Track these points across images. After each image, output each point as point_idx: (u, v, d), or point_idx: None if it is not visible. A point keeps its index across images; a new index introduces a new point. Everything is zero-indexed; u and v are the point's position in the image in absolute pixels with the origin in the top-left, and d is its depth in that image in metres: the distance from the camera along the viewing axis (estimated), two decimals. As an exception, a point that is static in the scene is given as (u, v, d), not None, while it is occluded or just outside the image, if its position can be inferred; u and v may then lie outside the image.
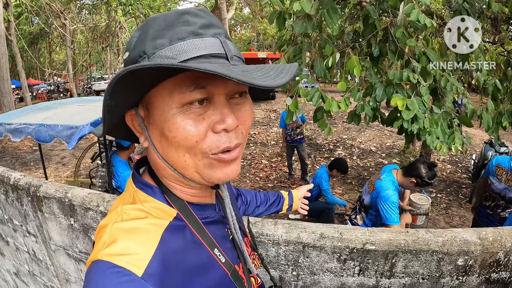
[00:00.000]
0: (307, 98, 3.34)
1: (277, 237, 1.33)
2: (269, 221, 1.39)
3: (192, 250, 0.71)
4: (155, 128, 0.65)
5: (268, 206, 1.43)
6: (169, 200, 0.72)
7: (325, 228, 1.31)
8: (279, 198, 1.47)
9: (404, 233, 1.26)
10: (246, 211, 1.39)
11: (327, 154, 8.64)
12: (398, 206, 2.86)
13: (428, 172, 2.83)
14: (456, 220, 5.30)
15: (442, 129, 3.31)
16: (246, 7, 24.16)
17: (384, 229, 1.28)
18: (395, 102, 2.96)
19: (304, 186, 1.59)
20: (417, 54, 3.42)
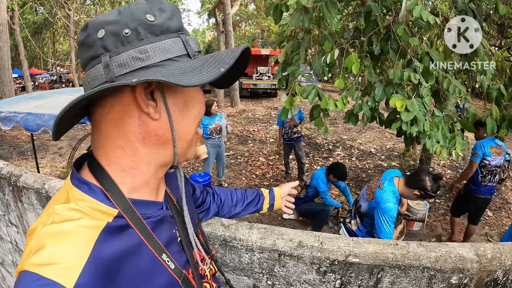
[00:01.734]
0: (303, 96, 3.20)
1: (251, 242, 1.21)
2: (243, 225, 1.27)
3: (135, 255, 0.63)
4: (178, 100, 0.67)
5: (245, 206, 1.34)
6: (110, 197, 0.64)
7: (304, 236, 1.18)
8: (258, 197, 1.38)
9: (393, 245, 1.13)
10: (221, 211, 1.30)
11: (326, 154, 8.51)
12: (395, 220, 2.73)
13: (433, 185, 2.67)
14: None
15: (443, 133, 3.18)
16: (251, 3, 24.03)
17: (371, 240, 1.16)
18: (394, 102, 2.83)
19: (287, 184, 1.50)
20: (420, 54, 3.28)
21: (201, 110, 0.74)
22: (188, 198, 0.91)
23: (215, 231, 1.24)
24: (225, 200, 1.30)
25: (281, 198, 1.43)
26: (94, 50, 0.61)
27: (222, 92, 14.85)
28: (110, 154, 0.66)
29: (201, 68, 0.61)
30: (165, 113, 0.65)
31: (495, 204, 6.11)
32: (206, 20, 43.99)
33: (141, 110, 0.63)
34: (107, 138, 0.66)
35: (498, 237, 5.00)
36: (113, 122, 0.64)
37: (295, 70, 3.42)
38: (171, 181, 0.88)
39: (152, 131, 0.66)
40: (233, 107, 14.81)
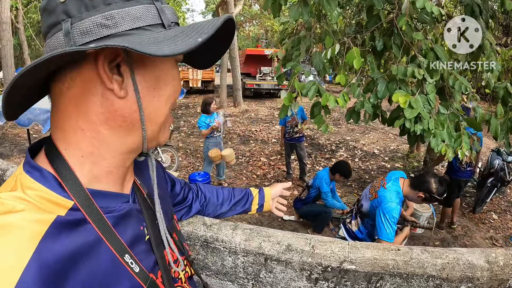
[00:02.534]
0: (303, 92, 3.09)
1: (234, 244, 1.09)
2: (227, 225, 1.15)
3: (91, 255, 0.54)
4: (148, 76, 0.58)
5: (232, 205, 1.24)
6: (65, 186, 0.55)
7: (293, 239, 1.06)
8: (246, 196, 1.28)
9: (394, 251, 1.01)
10: (205, 210, 1.19)
11: (328, 155, 8.38)
12: (398, 221, 2.60)
13: (438, 187, 2.54)
14: (458, 229, 5.03)
15: (448, 132, 3.05)
16: (255, 3, 23.95)
17: (369, 244, 1.04)
18: (396, 98, 2.70)
19: (279, 184, 1.40)
20: (424, 50, 3.16)
21: (176, 89, 0.65)
22: (163, 191, 0.84)
23: (196, 231, 1.13)
24: (210, 198, 1.21)
25: (271, 199, 1.34)
26: (55, 16, 0.53)
27: (225, 92, 14.75)
28: (69, 137, 0.57)
29: (176, 38, 0.53)
30: (132, 91, 0.57)
31: (500, 207, 5.97)
32: (210, 20, 44.05)
33: (105, 86, 0.55)
34: (66, 118, 0.57)
35: (504, 240, 4.86)
36: (73, 100, 0.55)
37: (294, 66, 3.30)
38: (143, 171, 0.78)
39: (117, 111, 0.57)
40: (236, 107, 14.71)
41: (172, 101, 0.64)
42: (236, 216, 5.06)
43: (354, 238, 2.88)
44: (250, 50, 19.76)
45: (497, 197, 6.19)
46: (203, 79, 19.20)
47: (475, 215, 5.48)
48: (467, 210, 5.67)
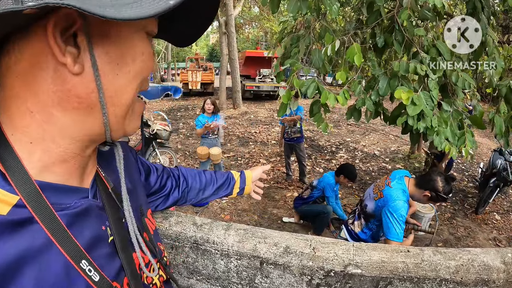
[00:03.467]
0: (302, 90, 3.00)
1: (227, 246, 0.99)
2: (219, 225, 1.06)
3: (39, 261, 0.45)
4: (111, 49, 0.49)
5: (215, 190, 1.20)
6: (9, 178, 0.46)
7: (292, 240, 0.97)
8: (229, 180, 1.25)
9: (404, 253, 0.91)
10: (188, 195, 1.13)
11: (328, 156, 8.28)
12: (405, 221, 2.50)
13: (445, 186, 2.44)
14: (461, 231, 4.94)
15: (452, 129, 2.96)
16: (254, 6, 23.91)
17: (376, 246, 0.94)
18: (399, 95, 2.61)
19: (259, 167, 1.40)
20: (426, 46, 3.08)
21: (147, 66, 0.55)
22: (134, 183, 0.75)
23: (185, 231, 1.04)
24: (193, 183, 1.14)
25: (252, 183, 1.33)
26: None
27: (224, 94, 14.68)
28: (16, 120, 0.48)
29: (142, 1, 0.43)
30: (89, 66, 0.47)
31: (503, 207, 5.89)
32: (209, 23, 44.06)
33: (56, 60, 0.45)
34: (12, 98, 0.48)
35: (507, 241, 4.77)
36: (21, 76, 0.47)
37: (293, 63, 3.21)
38: (110, 162, 0.68)
39: (71, 91, 0.48)
40: (235, 109, 14.63)
41: (140, 80, 0.55)
42: (234, 218, 4.99)
43: (357, 239, 2.78)
44: (250, 52, 19.74)
45: (499, 197, 6.11)
46: (203, 81, 19.18)
47: (478, 216, 5.39)
48: (469, 211, 5.58)
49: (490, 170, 5.72)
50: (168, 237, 1.06)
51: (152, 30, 0.56)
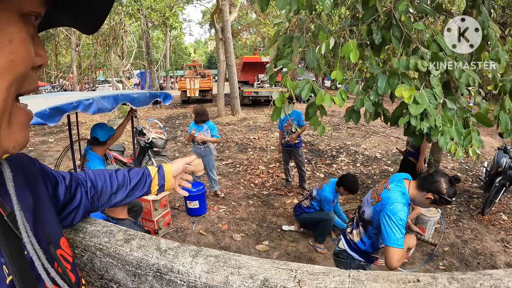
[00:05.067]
0: (296, 92, 2.84)
1: (193, 277, 0.81)
2: (186, 250, 0.88)
3: None
4: None
5: (129, 191, 1.11)
6: None
7: (272, 271, 0.78)
8: (144, 178, 1.15)
9: (413, 283, 0.73)
10: (97, 202, 1.03)
11: (329, 161, 8.11)
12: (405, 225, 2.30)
13: (449, 187, 2.21)
14: (467, 233, 4.75)
15: (457, 129, 2.79)
16: (251, 11, 23.90)
17: (378, 275, 0.76)
18: (400, 93, 2.44)
19: (180, 160, 1.29)
20: (426, 41, 2.92)
21: (19, 58, 0.42)
22: (41, 201, 0.65)
23: (146, 258, 0.86)
24: (103, 187, 1.04)
25: (173, 178, 1.23)
26: None
27: (222, 101, 14.57)
28: None
29: None
30: None
31: (509, 207, 5.71)
32: (208, 30, 44.24)
33: None
34: None
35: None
36: None
37: (286, 64, 3.05)
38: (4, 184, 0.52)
39: None
40: (234, 115, 14.51)
41: (14, 77, 0.40)
42: (232, 227, 4.80)
43: (356, 250, 2.58)
44: (247, 57, 19.68)
45: (505, 197, 5.93)
46: (201, 88, 19.17)
47: (484, 217, 5.20)
48: (475, 212, 5.39)
49: (495, 169, 5.54)
50: (129, 263, 0.88)
51: (32, 9, 0.40)
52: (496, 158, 5.79)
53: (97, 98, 2.95)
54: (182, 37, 43.51)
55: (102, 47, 16.54)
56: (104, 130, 3.57)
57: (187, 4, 23.43)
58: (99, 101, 2.95)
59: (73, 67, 23.39)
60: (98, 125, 3.63)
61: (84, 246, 0.96)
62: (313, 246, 4.37)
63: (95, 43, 20.18)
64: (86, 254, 0.96)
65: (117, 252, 0.90)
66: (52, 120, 2.56)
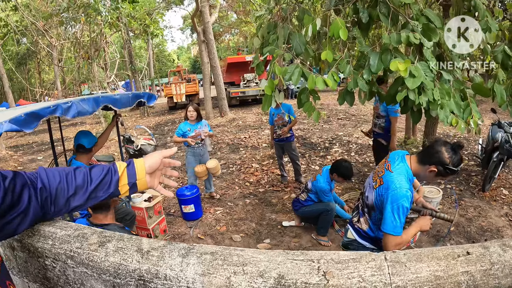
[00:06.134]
0: (286, 77, 2.69)
1: (185, 283, 0.64)
2: (174, 249, 0.71)
3: None
4: None
5: (91, 192, 0.93)
6: None
7: (288, 264, 0.61)
8: (109, 176, 0.97)
9: (464, 257, 0.59)
10: (53, 206, 0.87)
11: (322, 153, 7.99)
12: (415, 209, 2.13)
13: (452, 156, 2.04)
14: (471, 211, 4.65)
15: (456, 101, 2.66)
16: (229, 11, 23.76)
17: (419, 253, 0.61)
18: (395, 66, 2.31)
19: (156, 153, 1.12)
20: (415, 14, 2.79)
21: None
22: None
23: (125, 262, 0.69)
24: (58, 189, 0.88)
25: (147, 175, 1.04)
26: None
27: (209, 104, 14.38)
28: None
29: None
30: None
31: (509, 181, 5.64)
32: (189, 35, 43.90)
33: None
34: None
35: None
36: None
37: (273, 51, 2.90)
38: None
39: None
40: (223, 117, 14.34)
41: None
42: (231, 228, 4.63)
43: (367, 238, 2.42)
44: (231, 58, 19.54)
45: (503, 172, 5.86)
46: (187, 93, 19.01)
47: (486, 194, 5.11)
48: (476, 190, 5.30)
49: (491, 144, 5.46)
50: (106, 271, 0.71)
51: None
52: (491, 133, 5.72)
53: (76, 101, 2.78)
54: (165, 44, 43.15)
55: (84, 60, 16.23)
56: (89, 137, 3.42)
57: (166, 10, 23.17)
58: (79, 104, 2.76)
59: (57, 83, 23.00)
60: (82, 132, 3.47)
61: (54, 255, 0.79)
62: (316, 240, 4.22)
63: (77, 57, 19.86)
64: (57, 265, 0.79)
65: (91, 259, 0.73)
66: (28, 126, 2.37)
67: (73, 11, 11.93)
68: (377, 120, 5.13)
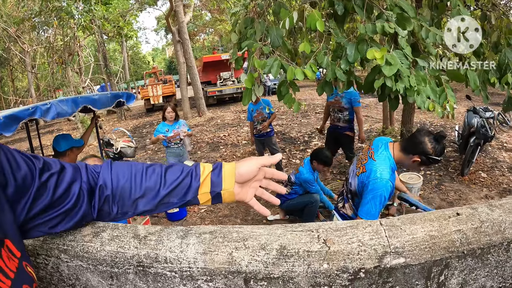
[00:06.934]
0: (265, 70, 2.70)
1: (187, 263, 0.64)
2: (172, 232, 0.71)
3: None
4: None
5: (163, 197, 0.77)
6: None
7: (288, 235, 0.62)
8: (189, 180, 0.79)
9: (454, 217, 0.61)
10: (115, 207, 0.76)
11: (302, 147, 8.05)
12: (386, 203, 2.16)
13: (435, 146, 2.08)
14: (451, 195, 4.78)
15: (431, 87, 2.73)
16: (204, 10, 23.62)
17: (413, 216, 0.63)
18: (372, 55, 2.35)
19: (252, 159, 0.85)
20: (389, 5, 2.84)
21: None
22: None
23: (122, 250, 0.67)
24: (123, 189, 0.76)
25: (236, 184, 0.82)
26: None
27: (187, 104, 14.26)
28: None
29: None
30: None
31: (486, 165, 5.81)
32: (164, 36, 43.26)
33: None
34: None
35: (500, 196, 4.66)
36: None
37: (251, 45, 2.90)
38: None
39: None
40: (201, 116, 14.24)
41: None
42: (211, 217, 4.63)
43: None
44: (207, 57, 19.41)
45: (480, 156, 6.05)
46: (164, 94, 18.75)
47: (465, 177, 5.27)
48: (455, 174, 5.46)
49: (467, 130, 5.63)
50: (102, 262, 0.69)
51: None
52: (466, 119, 5.88)
53: (55, 102, 2.71)
54: (139, 46, 42.47)
55: (58, 65, 15.82)
56: (67, 141, 3.23)
57: (140, 11, 22.82)
58: (58, 105, 2.70)
59: (31, 90, 22.31)
60: (61, 135, 3.31)
61: (46, 251, 0.77)
62: (302, 232, 4.26)
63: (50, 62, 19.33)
64: (50, 262, 0.77)
65: (86, 250, 0.71)
66: (8, 129, 2.29)
67: (45, 15, 11.59)
68: (339, 114, 5.11)
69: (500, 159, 6.10)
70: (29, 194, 0.61)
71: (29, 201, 0.60)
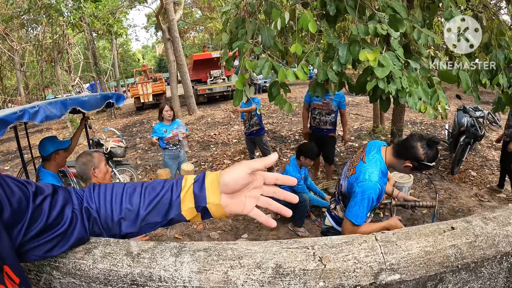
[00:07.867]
0: (256, 71, 2.68)
1: (181, 282, 0.62)
2: (165, 249, 0.70)
3: None
4: None
5: (143, 218, 0.72)
6: None
7: (284, 253, 0.61)
8: (169, 196, 0.73)
9: (449, 232, 0.62)
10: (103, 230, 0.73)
11: (293, 145, 8.07)
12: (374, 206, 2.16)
13: (428, 152, 2.06)
14: (442, 193, 4.84)
15: (423, 88, 2.75)
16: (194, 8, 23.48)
17: (408, 231, 0.63)
18: (364, 56, 2.36)
19: (242, 164, 0.73)
20: (381, 6, 2.85)
21: None
22: None
23: (116, 268, 0.67)
24: (105, 211, 0.73)
25: (223, 195, 0.72)
26: None
27: (177, 102, 14.18)
28: None
29: None
30: None
31: (476, 163, 5.90)
32: (154, 33, 42.94)
33: None
34: None
35: (489, 195, 4.71)
36: None
37: (242, 45, 2.89)
38: None
39: None
40: (191, 114, 14.19)
41: None
42: (208, 225, 4.61)
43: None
44: (197, 55, 19.33)
45: (470, 154, 6.13)
46: (154, 92, 18.63)
47: (455, 176, 5.34)
48: (445, 173, 5.52)
49: (457, 129, 5.69)
50: (95, 279, 0.68)
51: None
52: (456, 119, 5.95)
53: (44, 105, 2.66)
54: (129, 43, 42.09)
55: (47, 63, 15.58)
56: (53, 144, 3.13)
57: (130, 8, 22.59)
58: (46, 108, 2.65)
59: (20, 88, 21.97)
60: (47, 138, 3.22)
61: (37, 267, 0.75)
62: (293, 231, 4.27)
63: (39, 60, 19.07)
64: (42, 278, 0.75)
65: (78, 268, 0.69)
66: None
67: (34, 12, 11.40)
68: (326, 117, 5.03)
69: (489, 157, 6.19)
70: (25, 219, 0.60)
71: (25, 225, 0.60)
